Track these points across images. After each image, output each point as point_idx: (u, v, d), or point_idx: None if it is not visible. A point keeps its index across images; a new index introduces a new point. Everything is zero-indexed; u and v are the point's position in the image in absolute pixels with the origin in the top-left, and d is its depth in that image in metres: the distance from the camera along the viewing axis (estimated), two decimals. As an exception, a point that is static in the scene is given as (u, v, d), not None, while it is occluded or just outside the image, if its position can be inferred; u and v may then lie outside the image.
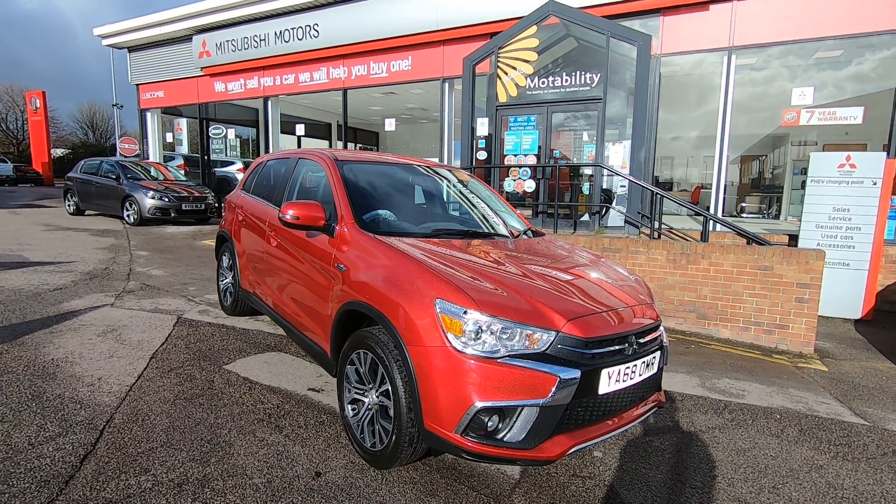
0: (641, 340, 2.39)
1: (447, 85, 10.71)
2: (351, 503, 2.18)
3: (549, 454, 2.09)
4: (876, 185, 6.13)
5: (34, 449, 2.41)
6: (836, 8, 7.41)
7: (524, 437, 2.07)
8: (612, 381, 2.21)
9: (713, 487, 2.52)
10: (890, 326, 6.24)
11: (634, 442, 2.94)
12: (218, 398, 3.10)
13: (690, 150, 16.86)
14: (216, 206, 12.29)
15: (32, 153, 27.58)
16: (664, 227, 7.64)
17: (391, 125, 12.24)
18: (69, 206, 12.79)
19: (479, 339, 2.08)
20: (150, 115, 16.64)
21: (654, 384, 2.60)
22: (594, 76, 7.85)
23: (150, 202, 10.93)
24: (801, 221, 6.66)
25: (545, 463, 2.15)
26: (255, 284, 4.15)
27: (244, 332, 4.41)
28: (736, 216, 13.83)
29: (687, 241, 7.02)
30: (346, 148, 14.28)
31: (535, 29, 8.12)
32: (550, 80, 8.18)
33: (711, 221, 6.72)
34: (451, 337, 2.10)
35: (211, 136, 15.31)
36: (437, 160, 9.50)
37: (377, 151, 15.83)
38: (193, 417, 2.84)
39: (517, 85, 8.42)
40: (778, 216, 13.84)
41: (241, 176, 9.44)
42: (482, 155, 8.82)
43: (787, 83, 9.89)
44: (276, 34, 12.42)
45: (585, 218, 8.31)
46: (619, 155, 8.26)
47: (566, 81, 8.07)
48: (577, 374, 2.07)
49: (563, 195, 8.83)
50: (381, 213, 3.18)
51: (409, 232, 3.05)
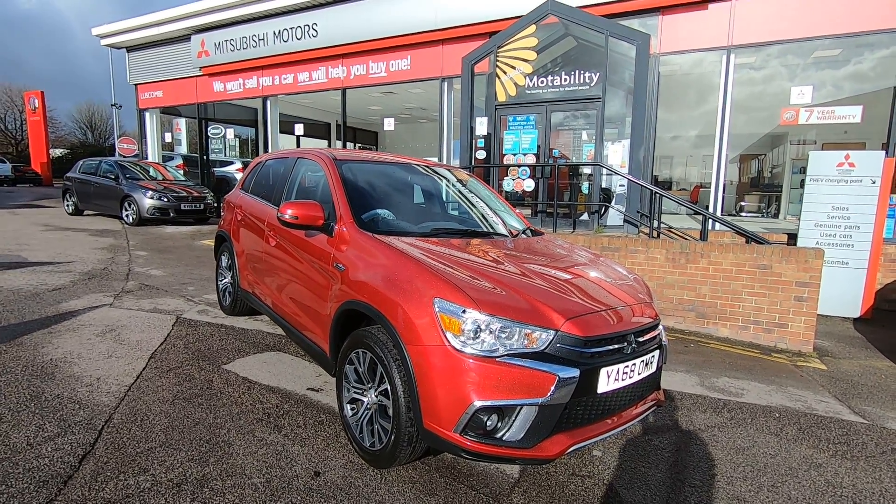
0: (640, 339, 2.39)
1: (446, 84, 10.71)
2: (350, 503, 2.18)
3: (548, 453, 2.09)
4: (875, 183, 6.14)
5: (33, 449, 2.41)
6: (834, 7, 7.42)
7: (523, 436, 2.07)
8: (610, 379, 2.21)
9: (712, 486, 2.52)
10: (889, 325, 6.24)
11: (633, 441, 2.94)
12: (217, 398, 3.10)
13: (689, 149, 16.87)
14: (215, 205, 12.27)
15: (31, 153, 27.56)
16: (663, 226, 7.65)
17: (390, 125, 12.23)
18: (68, 206, 12.78)
19: (477, 338, 2.08)
20: (148, 114, 16.62)
21: (653, 383, 2.60)
22: (593, 75, 7.85)
23: (148, 202, 10.92)
24: (800, 220, 6.66)
25: (544, 462, 2.15)
26: (254, 284, 4.15)
27: (243, 331, 4.41)
28: (735, 215, 13.84)
29: (686, 240, 7.02)
30: (345, 147, 14.28)
31: (533, 28, 8.12)
32: (549, 79, 8.19)
33: (710, 220, 6.72)
34: (449, 336, 2.10)
35: (210, 135, 15.28)
36: (436, 159, 9.50)
37: (376, 151, 15.82)
38: (192, 417, 2.84)
39: (516, 84, 8.42)
40: (777, 215, 13.86)
41: (239, 176, 9.43)
42: (481, 154, 8.82)
43: (785, 82, 9.90)
44: (274, 34, 12.41)
45: (584, 217, 8.32)
46: (618, 154, 8.27)
47: (565, 81, 8.08)
48: (575, 372, 2.08)
49: (562, 194, 8.83)
50: (379, 212, 3.17)
51: (407, 231, 3.05)
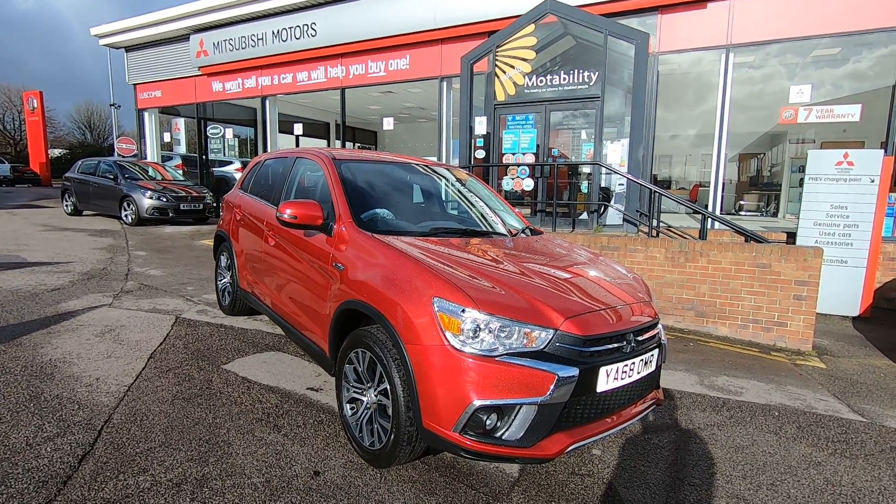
0: (639, 338, 2.40)
1: (445, 84, 10.70)
2: (350, 502, 2.19)
3: (547, 452, 2.09)
4: (874, 182, 6.14)
5: (32, 449, 2.41)
6: (833, 5, 7.42)
7: (522, 435, 2.07)
8: (610, 378, 2.21)
9: (711, 484, 2.53)
10: (888, 324, 6.25)
11: (633, 439, 2.94)
12: (216, 398, 3.10)
13: (688, 148, 16.88)
14: (214, 205, 12.27)
15: (30, 153, 27.53)
16: (662, 225, 7.66)
17: (389, 124, 12.22)
18: (67, 206, 12.77)
19: (477, 337, 2.08)
20: (147, 114, 16.59)
21: (652, 382, 2.60)
22: (592, 74, 7.85)
23: (147, 202, 10.91)
24: (799, 219, 6.67)
25: (544, 461, 2.15)
26: (253, 284, 4.15)
27: (242, 331, 4.41)
28: (734, 214, 13.87)
29: (685, 239, 7.02)
30: (344, 147, 14.27)
31: (532, 27, 8.12)
32: (548, 78, 8.18)
33: (710, 219, 6.72)
34: (449, 335, 2.10)
35: (209, 135, 15.26)
36: (435, 159, 9.51)
37: (375, 150, 15.83)
38: (192, 417, 2.84)
39: (515, 83, 8.42)
40: (776, 214, 13.87)
41: (238, 176, 9.43)
42: (480, 154, 8.82)
43: (784, 81, 9.90)
44: (273, 33, 12.39)
45: (584, 216, 8.32)
46: (617, 153, 8.26)
47: (564, 80, 8.07)
48: (575, 372, 2.08)
49: (561, 194, 8.83)
50: (379, 212, 3.17)
51: (407, 231, 3.05)
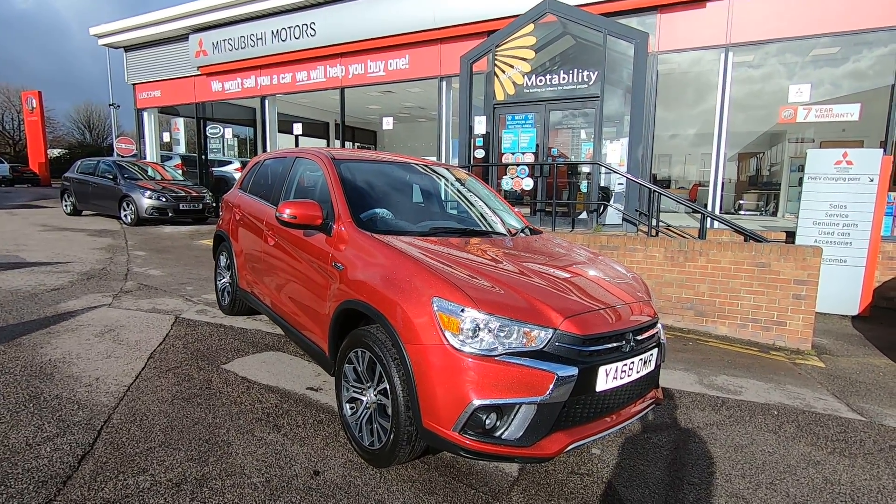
0: (639, 337, 2.40)
1: (445, 83, 10.70)
2: (349, 502, 2.19)
3: (546, 451, 2.09)
4: (873, 181, 6.14)
5: (32, 449, 2.41)
6: (832, 5, 7.42)
7: (522, 434, 2.08)
8: (609, 378, 2.22)
9: (711, 484, 2.53)
10: (887, 322, 6.26)
11: (632, 439, 2.94)
12: (216, 398, 3.10)
13: (688, 147, 16.90)
14: (214, 205, 12.26)
15: (29, 153, 27.50)
16: (662, 224, 7.66)
17: (389, 124, 12.22)
18: (66, 206, 12.76)
19: (476, 337, 2.08)
20: (146, 114, 16.58)
21: (651, 381, 2.60)
22: (591, 74, 7.85)
23: (147, 202, 10.90)
24: (798, 218, 6.67)
25: (543, 460, 2.15)
26: (252, 284, 4.15)
27: (242, 331, 4.41)
28: (734, 213, 13.89)
29: (685, 238, 7.03)
30: (343, 147, 14.27)
31: (532, 27, 8.11)
32: (548, 78, 8.18)
33: (709, 219, 6.72)
34: (448, 335, 2.10)
35: (208, 135, 15.26)
36: (434, 159, 9.51)
37: (375, 150, 15.83)
38: (191, 417, 2.84)
39: (514, 83, 8.42)
40: (775, 213, 13.89)
41: (238, 175, 9.42)
42: (480, 153, 8.82)
43: (784, 80, 9.90)
44: (272, 33, 12.39)
45: (583, 216, 8.32)
46: (616, 153, 8.27)
47: (563, 79, 8.07)
48: (574, 371, 2.08)
49: (560, 193, 8.84)
50: (378, 211, 3.17)
51: (406, 230, 3.05)
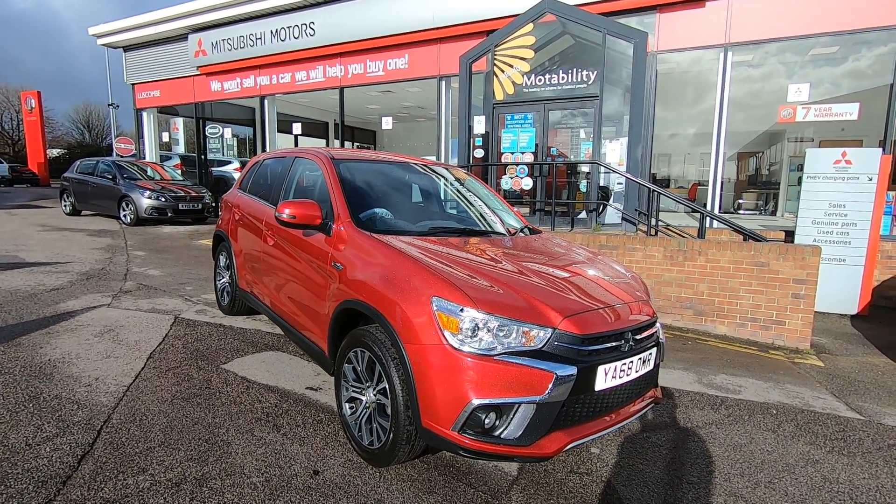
0: (638, 337, 2.40)
1: (444, 83, 10.70)
2: (349, 501, 2.19)
3: (546, 451, 2.10)
4: (872, 181, 6.15)
5: (32, 449, 2.41)
6: (831, 4, 7.42)
7: (521, 433, 2.08)
8: (608, 377, 2.22)
9: (710, 483, 2.53)
10: (886, 322, 6.26)
11: (631, 438, 2.95)
12: (215, 397, 3.10)
13: (687, 147, 16.89)
14: (213, 205, 12.26)
15: (28, 153, 27.48)
16: (661, 224, 7.65)
17: (388, 124, 12.22)
18: (65, 206, 12.76)
19: (475, 336, 2.09)
20: (146, 114, 16.57)
21: (650, 380, 2.61)
22: (591, 73, 7.85)
23: (146, 202, 10.90)
24: (797, 217, 6.67)
25: (542, 459, 2.16)
26: (252, 284, 4.15)
27: (242, 331, 4.41)
28: (733, 213, 13.89)
29: (684, 237, 7.03)
30: (343, 147, 14.27)
31: (531, 27, 8.11)
32: (547, 77, 8.18)
33: (708, 218, 6.72)
34: (447, 335, 2.10)
35: (207, 135, 15.25)
36: (434, 158, 9.51)
37: (374, 150, 15.82)
38: (191, 417, 2.84)
39: (514, 83, 8.42)
40: (775, 212, 13.90)
41: (237, 175, 9.42)
42: (479, 153, 8.82)
43: (783, 80, 9.90)
44: (272, 33, 12.38)
45: (583, 215, 8.32)
46: (616, 152, 8.27)
47: (563, 79, 8.07)
48: (573, 370, 2.08)
49: (560, 193, 8.83)
50: (377, 211, 3.18)
51: (405, 230, 3.05)
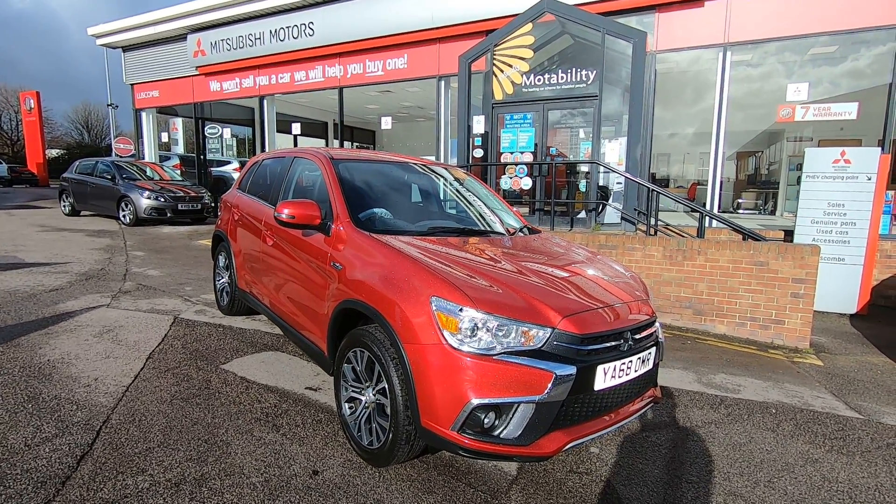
0: (637, 336, 2.40)
1: (443, 83, 10.70)
2: (348, 501, 2.19)
3: (545, 450, 2.10)
4: (871, 180, 6.15)
5: (31, 450, 2.41)
6: (830, 4, 7.43)
7: (520, 433, 2.08)
8: (607, 377, 2.22)
9: (709, 482, 2.53)
10: (885, 321, 6.27)
11: (631, 437, 2.95)
12: (215, 398, 3.10)
13: (687, 146, 16.91)
14: (212, 205, 12.25)
15: (27, 154, 27.44)
16: (660, 223, 7.65)
17: (388, 123, 12.23)
18: (64, 206, 12.75)
19: (474, 336, 2.09)
20: (145, 114, 16.56)
21: (649, 380, 2.61)
22: (590, 73, 7.85)
23: (145, 202, 10.89)
24: (796, 217, 6.67)
25: (542, 459, 2.16)
26: (251, 284, 4.15)
27: (241, 331, 4.41)
28: (732, 212, 13.90)
29: (683, 237, 7.02)
30: (342, 147, 14.27)
31: (530, 26, 8.11)
32: (546, 77, 8.18)
33: (707, 218, 6.73)
34: (447, 334, 2.10)
35: (207, 135, 15.24)
36: (433, 158, 9.50)
37: (374, 150, 15.81)
38: (190, 417, 2.84)
39: (513, 82, 8.42)
40: (774, 212, 13.91)
41: (237, 175, 9.41)
42: (479, 153, 8.82)
43: (782, 79, 9.91)
44: (271, 33, 12.38)
45: (582, 215, 8.32)
46: (615, 152, 8.27)
47: (562, 79, 8.07)
48: (572, 370, 2.08)
49: (559, 192, 8.84)
50: (376, 211, 3.17)
51: (405, 230, 3.05)
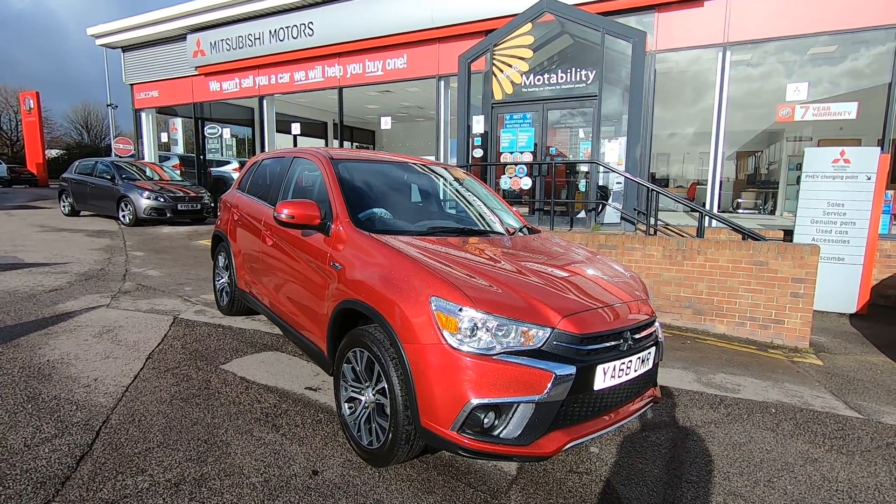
0: (636, 336, 2.40)
1: (443, 83, 10.70)
2: (348, 501, 2.19)
3: (545, 450, 2.10)
4: (870, 179, 6.15)
5: (30, 450, 2.41)
6: (830, 3, 7.43)
7: (520, 433, 2.08)
8: (607, 377, 2.22)
9: (709, 482, 2.53)
10: (884, 320, 6.27)
11: (631, 437, 2.95)
12: (214, 398, 3.10)
13: (686, 146, 16.91)
14: (212, 205, 12.25)
15: (27, 154, 27.43)
16: (660, 223, 7.66)
17: (387, 123, 12.22)
18: (64, 207, 12.74)
19: (474, 336, 2.09)
20: (144, 114, 16.56)
21: (649, 379, 2.61)
22: (590, 73, 7.85)
23: (145, 202, 10.89)
24: (796, 217, 6.68)
25: (541, 459, 2.16)
26: (251, 284, 4.15)
27: (241, 331, 4.41)
28: (732, 212, 13.90)
29: (683, 237, 7.02)
30: (342, 147, 14.26)
31: (530, 26, 8.11)
32: (546, 77, 8.18)
33: (707, 217, 6.73)
34: (446, 334, 2.10)
35: (206, 135, 15.24)
36: (433, 158, 9.50)
37: (373, 150, 15.80)
38: (190, 417, 2.84)
39: (513, 82, 8.42)
40: (773, 212, 13.91)
41: (236, 175, 9.40)
42: (478, 153, 8.83)
43: (782, 79, 9.92)
44: (270, 33, 12.38)
45: (582, 215, 8.33)
46: (615, 152, 8.27)
47: (562, 78, 8.08)
48: (572, 370, 2.08)
49: (559, 192, 8.84)
50: (376, 211, 3.17)
51: (404, 230, 3.05)
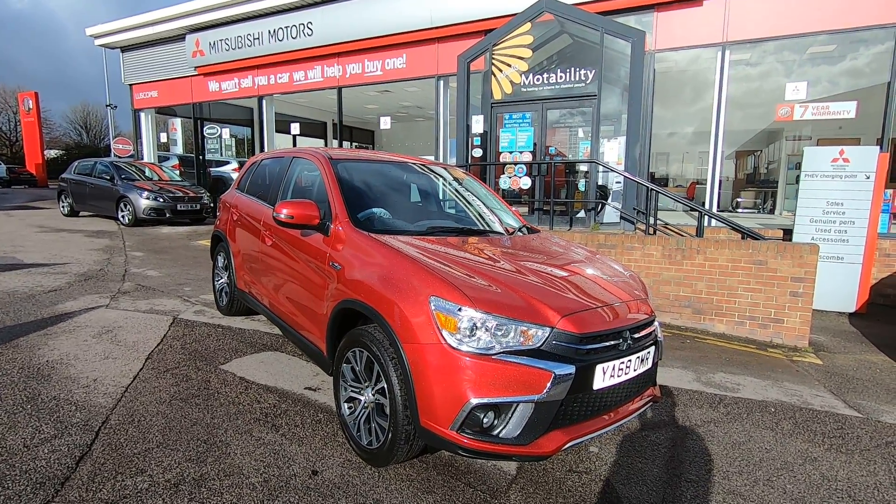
0: (636, 336, 2.40)
1: (442, 82, 10.70)
2: (348, 501, 2.19)
3: (544, 450, 2.10)
4: (869, 179, 6.16)
5: (29, 451, 2.41)
6: (829, 2, 7.44)
7: (520, 433, 2.08)
8: (606, 376, 2.22)
9: (708, 481, 2.54)
10: (884, 319, 6.27)
11: (630, 437, 2.95)
12: (214, 398, 3.10)
13: (686, 145, 16.92)
14: (211, 206, 12.24)
15: (26, 154, 27.42)
16: (659, 222, 7.66)
17: (386, 123, 12.22)
18: (63, 207, 12.73)
19: (473, 335, 2.09)
20: (143, 115, 16.55)
21: (649, 379, 2.61)
22: (589, 73, 7.85)
23: (144, 203, 10.88)
24: (795, 216, 6.68)
25: (541, 458, 2.16)
26: (250, 284, 4.15)
27: (240, 331, 4.41)
28: (731, 211, 13.90)
29: (682, 236, 7.03)
30: (341, 147, 14.26)
31: (529, 26, 8.11)
32: (545, 76, 8.19)
33: (706, 217, 6.73)
34: (445, 334, 2.10)
35: (206, 135, 15.23)
36: (432, 158, 9.51)
37: (373, 150, 15.80)
38: (190, 417, 2.84)
39: (512, 82, 8.42)
40: (773, 211, 13.91)
41: (236, 176, 9.41)
42: (478, 152, 8.83)
43: (781, 78, 9.92)
44: (269, 33, 12.37)
45: (581, 214, 8.33)
46: (614, 151, 8.27)
47: (561, 78, 8.08)
48: (571, 369, 2.08)
49: (558, 192, 8.84)
50: (375, 211, 3.17)
51: (403, 230, 3.05)
